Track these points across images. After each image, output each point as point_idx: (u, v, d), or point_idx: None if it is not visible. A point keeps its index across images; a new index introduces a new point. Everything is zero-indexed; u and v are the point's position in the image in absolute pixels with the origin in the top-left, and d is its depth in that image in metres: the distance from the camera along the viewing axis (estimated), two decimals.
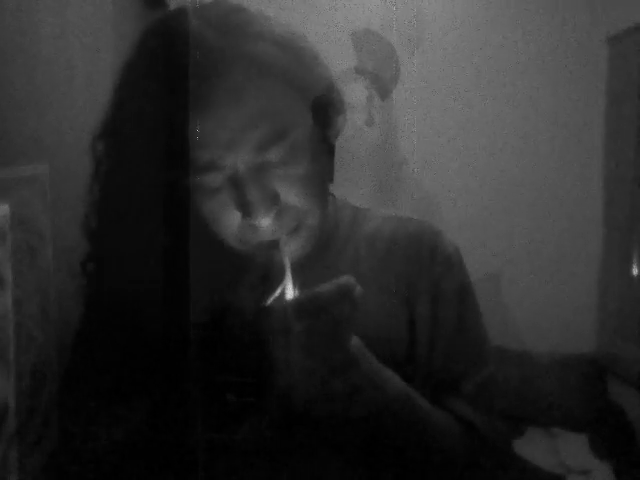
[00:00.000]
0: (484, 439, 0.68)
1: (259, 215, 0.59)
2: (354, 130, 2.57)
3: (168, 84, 0.56)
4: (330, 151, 0.68)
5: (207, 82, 0.56)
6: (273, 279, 0.60)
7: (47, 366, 0.66)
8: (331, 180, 0.70)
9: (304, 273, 0.66)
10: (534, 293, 2.87)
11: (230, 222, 0.61)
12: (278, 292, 0.58)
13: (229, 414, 0.65)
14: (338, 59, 0.69)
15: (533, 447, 2.35)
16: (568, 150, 2.87)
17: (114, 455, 0.64)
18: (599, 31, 2.76)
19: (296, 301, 0.54)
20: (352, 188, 0.89)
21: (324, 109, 0.65)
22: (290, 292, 0.58)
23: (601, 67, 2.78)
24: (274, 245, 0.61)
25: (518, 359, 2.67)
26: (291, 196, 0.60)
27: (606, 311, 2.80)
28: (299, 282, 0.58)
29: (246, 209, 0.59)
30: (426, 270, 0.72)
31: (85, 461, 0.65)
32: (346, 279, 0.55)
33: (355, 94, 2.73)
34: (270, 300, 0.57)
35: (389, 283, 0.71)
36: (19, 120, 0.61)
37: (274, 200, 0.60)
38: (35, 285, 0.62)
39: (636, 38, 2.52)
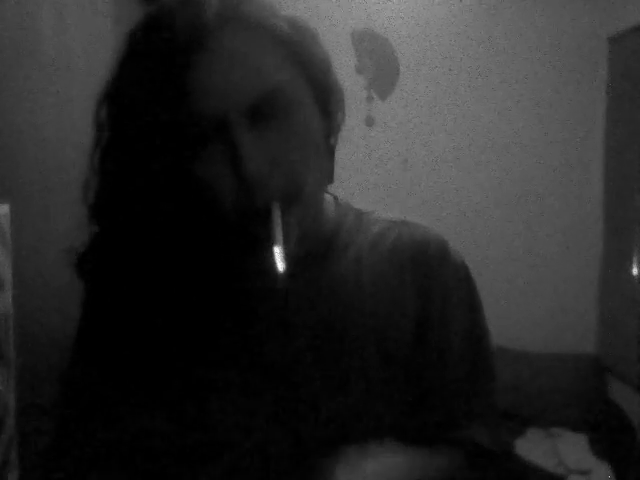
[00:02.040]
0: (490, 453, 0.68)
1: (251, 170, 0.56)
2: (354, 130, 2.56)
3: (167, 50, 0.56)
4: (330, 151, 0.67)
5: (204, 43, 0.56)
6: (264, 243, 0.58)
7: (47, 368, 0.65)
8: (331, 181, 0.69)
9: (304, 277, 0.65)
10: (534, 293, 2.88)
11: (223, 185, 0.58)
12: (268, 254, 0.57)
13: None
14: (337, 59, 0.68)
15: (533, 447, 2.36)
16: (569, 150, 2.87)
17: (117, 455, 0.64)
18: (600, 31, 2.76)
19: None
20: (351, 189, 0.88)
21: (323, 91, 0.64)
22: (279, 260, 0.56)
23: (602, 68, 2.78)
24: (268, 213, 0.58)
25: (518, 359, 2.67)
26: (285, 155, 0.59)
27: (606, 311, 2.80)
28: (300, 284, 0.57)
29: (238, 162, 0.57)
30: (435, 280, 0.69)
31: (87, 461, 0.65)
32: None
33: (354, 94, 2.72)
34: (260, 264, 0.56)
35: (392, 289, 0.69)
36: None
37: (267, 154, 0.58)
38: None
39: (637, 38, 2.52)
